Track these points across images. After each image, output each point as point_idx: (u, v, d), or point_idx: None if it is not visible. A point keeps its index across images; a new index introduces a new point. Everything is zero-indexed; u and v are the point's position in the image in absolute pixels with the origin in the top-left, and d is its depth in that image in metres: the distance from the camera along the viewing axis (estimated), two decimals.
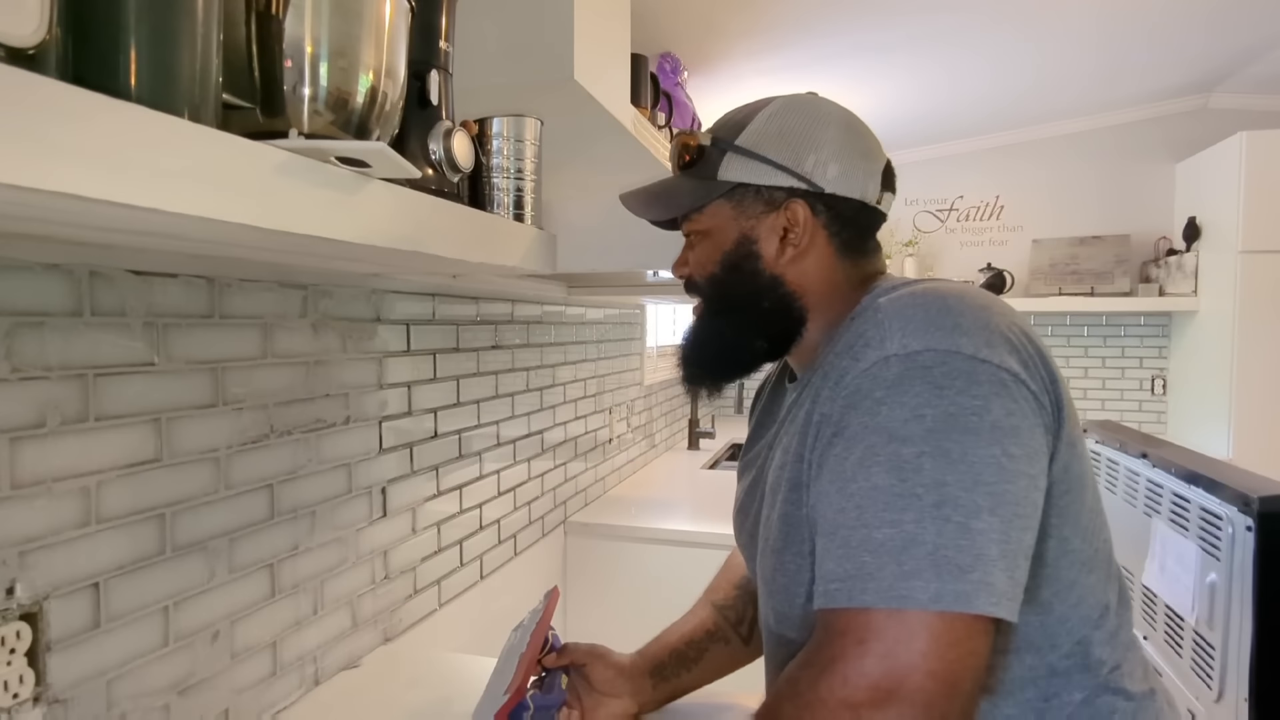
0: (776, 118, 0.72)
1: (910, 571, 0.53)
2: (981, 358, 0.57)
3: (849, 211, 0.72)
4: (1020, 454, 0.56)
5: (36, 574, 0.65)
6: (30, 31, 0.40)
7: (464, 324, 1.34)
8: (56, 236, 0.61)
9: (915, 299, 0.62)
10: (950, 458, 0.55)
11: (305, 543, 0.96)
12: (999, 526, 0.54)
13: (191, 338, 0.79)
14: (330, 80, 0.64)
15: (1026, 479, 0.56)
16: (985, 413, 0.56)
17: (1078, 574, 0.63)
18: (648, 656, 0.93)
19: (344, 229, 0.59)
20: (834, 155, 0.70)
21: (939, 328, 0.59)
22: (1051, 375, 0.61)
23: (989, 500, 0.54)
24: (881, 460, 0.57)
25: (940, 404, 0.56)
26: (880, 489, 0.56)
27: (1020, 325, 0.62)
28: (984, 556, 0.53)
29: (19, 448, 0.63)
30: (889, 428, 0.57)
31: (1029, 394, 0.58)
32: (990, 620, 0.54)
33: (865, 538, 0.56)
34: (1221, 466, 1.30)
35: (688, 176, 0.76)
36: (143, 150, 0.42)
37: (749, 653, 0.94)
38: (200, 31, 0.53)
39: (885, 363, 0.59)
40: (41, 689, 0.65)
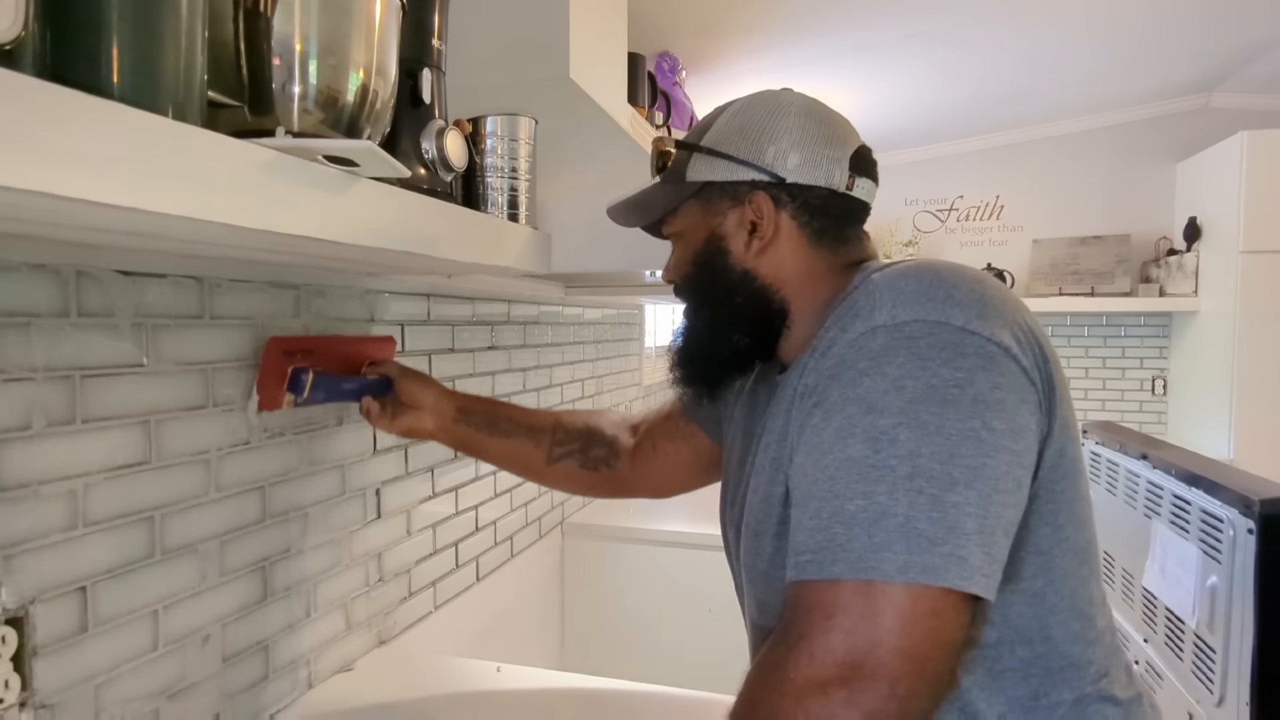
0: (738, 115, 0.73)
1: (880, 543, 0.53)
2: (971, 329, 0.56)
3: (816, 200, 0.71)
4: (1003, 428, 0.55)
5: (22, 578, 0.64)
6: (6, 26, 0.39)
7: (460, 324, 1.33)
8: (41, 236, 0.61)
9: (908, 271, 0.62)
10: (927, 429, 0.54)
11: (298, 545, 0.95)
12: (975, 500, 0.53)
13: (181, 338, 0.78)
14: (320, 78, 0.64)
15: (1009, 454, 0.55)
16: (968, 385, 0.55)
17: (1071, 565, 0.62)
18: (464, 397, 1.02)
19: (332, 228, 0.58)
20: (794, 144, 0.70)
21: (930, 299, 0.58)
22: (1045, 355, 0.60)
23: (965, 474, 0.53)
24: (858, 431, 0.56)
25: (923, 375, 0.55)
26: (854, 460, 0.55)
27: (1015, 302, 0.62)
28: (957, 530, 0.52)
29: (4, 450, 0.62)
30: (868, 399, 0.56)
31: (1019, 369, 0.57)
32: (963, 597, 0.53)
33: (837, 509, 0.55)
34: (1222, 468, 1.29)
35: (662, 182, 0.77)
36: (124, 149, 0.41)
37: (546, 471, 1.03)
38: (184, 28, 0.52)
39: (872, 333, 0.58)
40: (28, 694, 0.64)
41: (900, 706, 0.51)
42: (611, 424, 1.06)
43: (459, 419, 1.00)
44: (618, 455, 1.02)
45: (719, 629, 1.66)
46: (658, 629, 1.76)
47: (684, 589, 1.75)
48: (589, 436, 1.03)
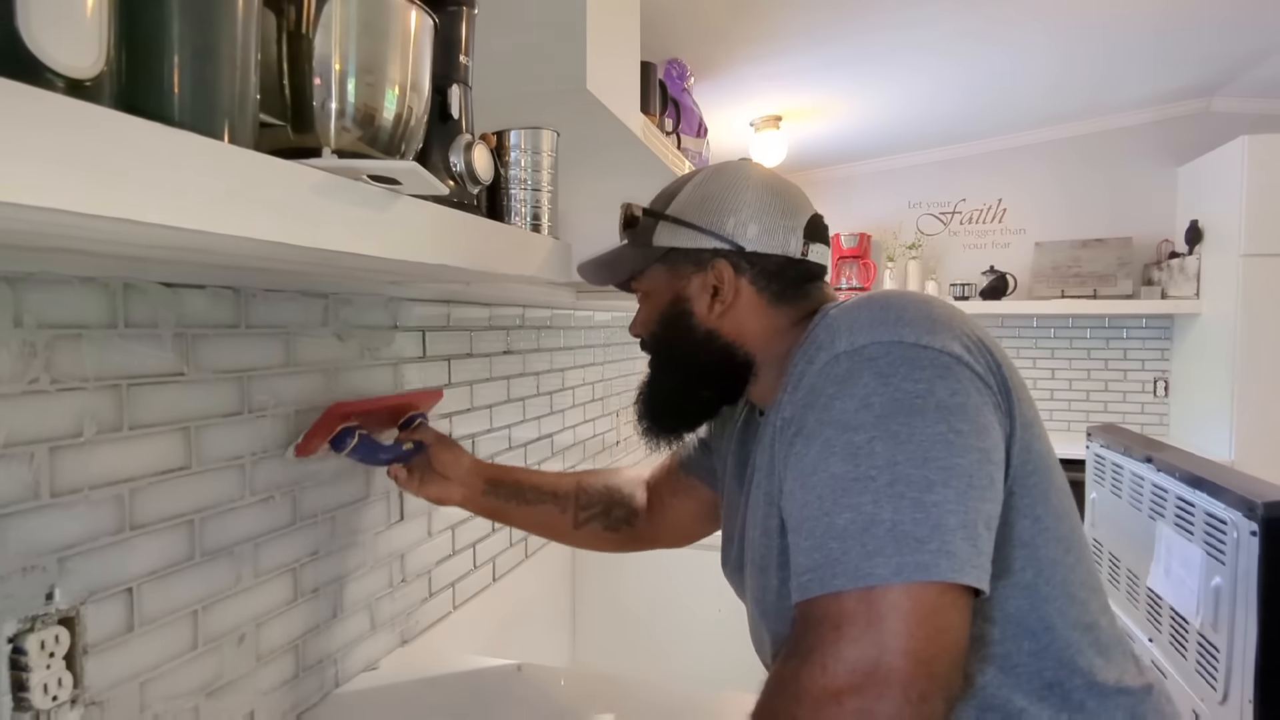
0: (700, 186, 0.79)
1: (873, 550, 0.55)
2: (923, 344, 0.61)
3: (773, 266, 0.77)
4: (968, 429, 0.59)
5: (74, 579, 0.66)
6: (90, 64, 0.41)
7: (477, 329, 1.35)
8: (93, 251, 0.63)
9: (860, 303, 0.67)
10: (899, 438, 0.58)
11: (326, 547, 0.98)
12: (953, 498, 0.56)
13: (219, 347, 0.81)
14: (358, 96, 0.66)
15: (977, 452, 0.59)
16: (929, 394, 0.59)
17: (1057, 553, 0.65)
18: (492, 469, 1.05)
19: (377, 245, 0.60)
20: (753, 216, 0.76)
21: (882, 322, 0.63)
22: (997, 360, 0.65)
23: (940, 474, 0.57)
24: (837, 450, 0.60)
25: (886, 391, 0.59)
26: (837, 476, 0.59)
27: (961, 317, 0.67)
28: (941, 526, 0.55)
29: (58, 457, 0.65)
30: (841, 419, 0.60)
31: (972, 374, 0.61)
32: (961, 593, 0.56)
33: (829, 525, 0.58)
34: (1226, 471, 1.32)
35: (631, 244, 0.84)
36: (193, 175, 0.44)
37: (573, 535, 1.06)
38: (239, 54, 0.54)
39: (835, 360, 0.63)
40: (79, 691, 0.67)
41: (915, 710, 0.53)
42: (628, 482, 1.10)
43: (487, 491, 1.03)
44: (636, 514, 1.07)
45: (728, 628, 1.69)
46: (667, 627, 1.79)
47: (692, 588, 1.77)
48: (610, 498, 1.07)
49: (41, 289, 0.64)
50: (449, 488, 1.01)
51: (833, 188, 3.73)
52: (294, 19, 0.65)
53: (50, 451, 0.64)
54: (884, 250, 3.66)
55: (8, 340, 0.61)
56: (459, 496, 1.02)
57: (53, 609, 0.65)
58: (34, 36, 0.38)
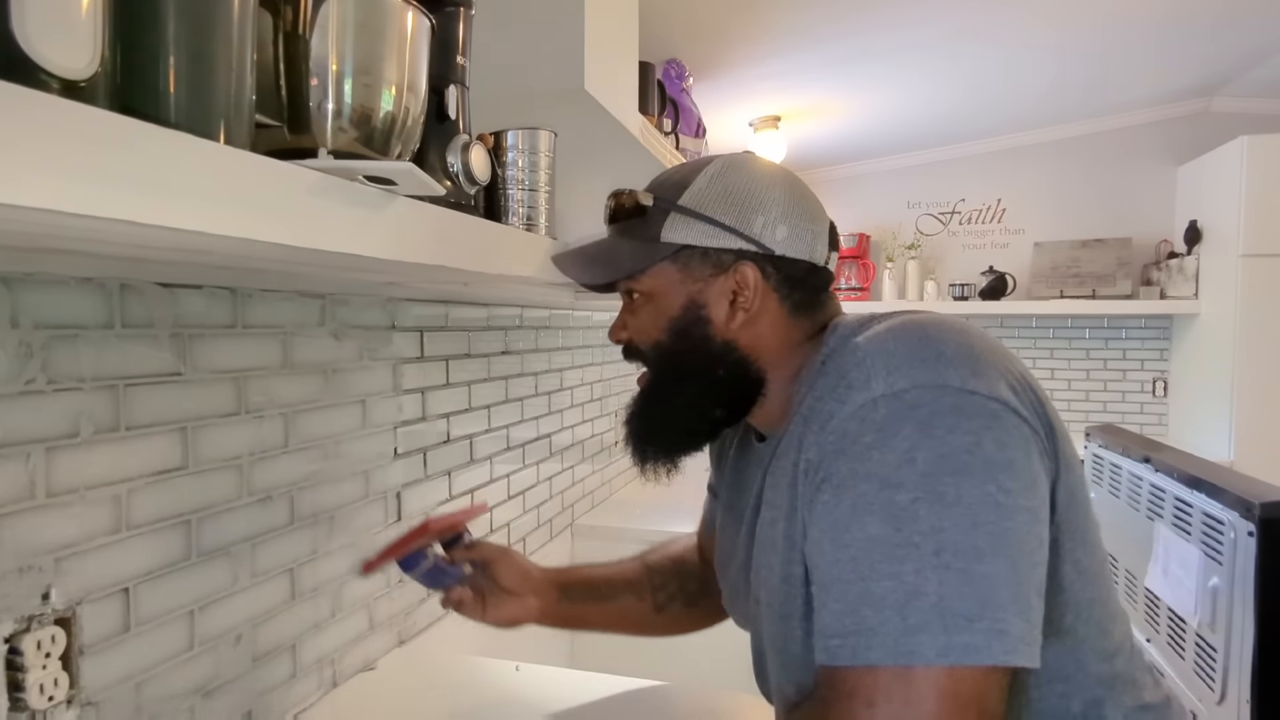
0: (720, 178, 0.70)
1: (915, 625, 0.51)
2: (970, 389, 0.56)
3: (799, 273, 0.70)
4: (1016, 487, 0.54)
5: (70, 580, 0.67)
6: (84, 65, 0.41)
7: (475, 330, 1.35)
8: (90, 252, 0.63)
9: (894, 333, 0.61)
10: (945, 501, 0.53)
11: (324, 547, 0.98)
12: (1005, 568, 0.52)
13: (215, 347, 0.81)
14: (354, 97, 0.66)
15: (1026, 513, 0.54)
16: (977, 449, 0.54)
17: (1091, 591, 0.62)
18: (560, 574, 0.94)
19: (373, 245, 0.60)
20: (782, 216, 0.69)
21: (923, 360, 0.57)
22: (1039, 397, 0.60)
23: (990, 541, 0.52)
24: (875, 509, 0.55)
25: (930, 445, 0.54)
26: (876, 539, 0.54)
27: (1002, 349, 0.61)
28: (991, 602, 0.51)
29: (54, 457, 0.65)
30: (880, 474, 0.55)
31: (1019, 420, 0.56)
32: (1006, 671, 0.52)
33: (864, 591, 0.54)
34: (1223, 472, 1.32)
35: (627, 237, 0.73)
36: (189, 176, 0.44)
37: (657, 621, 0.96)
38: (235, 55, 0.54)
39: (873, 404, 0.57)
40: (74, 692, 0.67)
41: None
42: (689, 550, 1.01)
43: (562, 599, 0.93)
44: (708, 582, 0.95)
45: (726, 631, 1.68)
46: None
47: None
48: (680, 571, 0.99)
49: (38, 289, 0.64)
50: (522, 605, 0.89)
51: (832, 188, 3.73)
52: (290, 19, 0.65)
53: (46, 451, 0.64)
54: (883, 250, 3.66)
55: (4, 341, 0.61)
56: (535, 612, 0.91)
57: (49, 609, 0.65)
58: (28, 38, 0.38)
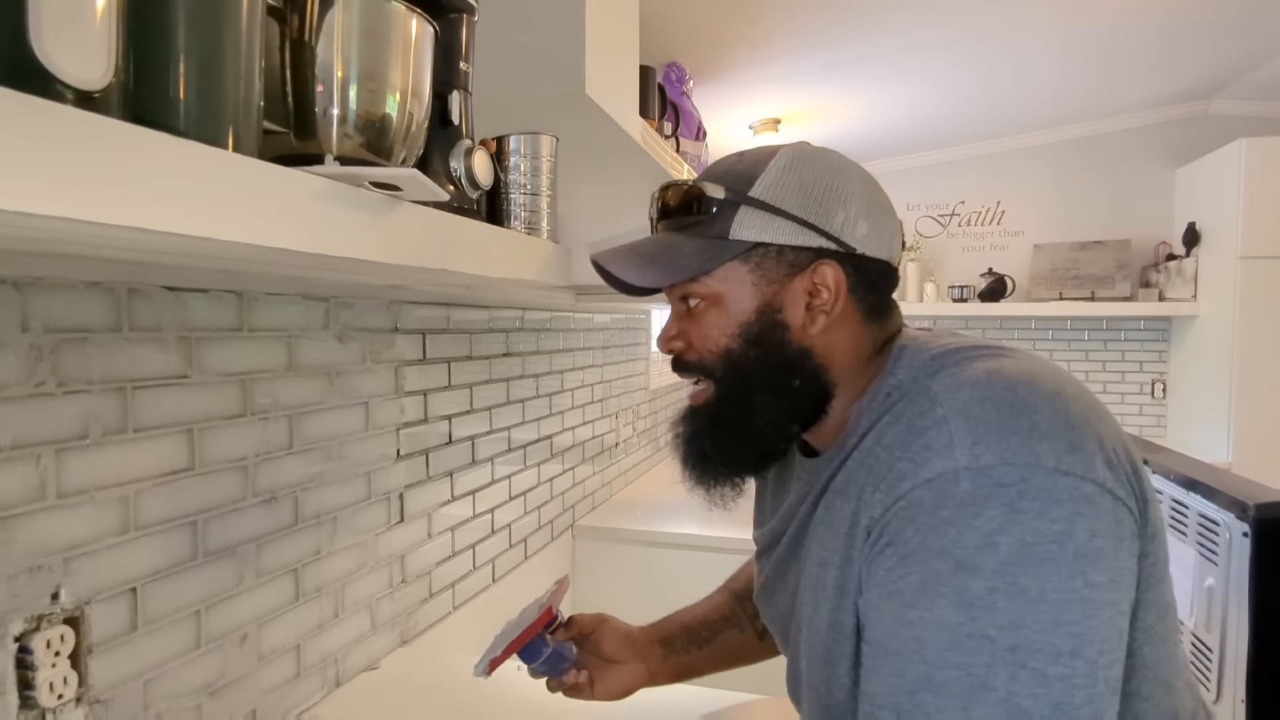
0: (794, 169, 0.64)
1: (977, 718, 0.49)
2: (1064, 469, 0.51)
3: (875, 274, 0.65)
4: (1104, 580, 0.50)
5: (79, 579, 0.67)
6: (98, 75, 0.42)
7: (477, 332, 1.36)
8: (98, 256, 0.64)
9: (981, 393, 0.55)
10: (1028, 595, 0.49)
11: (327, 548, 0.99)
12: (1083, 670, 0.49)
13: (221, 350, 0.82)
14: (360, 103, 0.67)
15: (1111, 609, 0.51)
16: (1067, 539, 0.50)
17: (1160, 653, 0.59)
18: (658, 629, 0.91)
19: (378, 250, 0.61)
20: (862, 212, 0.63)
21: (1015, 433, 0.52)
22: (1134, 464, 0.55)
23: (1070, 642, 0.49)
24: (947, 592, 0.51)
25: (1016, 530, 0.50)
26: (947, 625, 0.51)
27: (1096, 405, 0.56)
28: (1065, 705, 0.48)
29: (64, 458, 0.66)
30: (957, 555, 0.51)
31: (1114, 502, 0.52)
32: None
33: (926, 675, 0.51)
34: (1219, 474, 1.33)
35: (689, 235, 0.66)
36: (200, 184, 0.45)
37: (761, 647, 0.92)
38: (243, 63, 0.55)
39: (954, 476, 0.52)
40: (83, 690, 0.68)
41: None
42: None
43: (667, 653, 0.89)
44: None
45: None
46: None
47: (691, 590, 1.77)
48: None
49: (48, 293, 0.65)
50: (629, 672, 0.86)
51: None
52: (297, 27, 0.66)
53: (56, 453, 0.65)
54: None
55: (15, 344, 0.62)
56: (644, 676, 0.87)
57: (58, 608, 0.66)
58: (44, 49, 0.39)
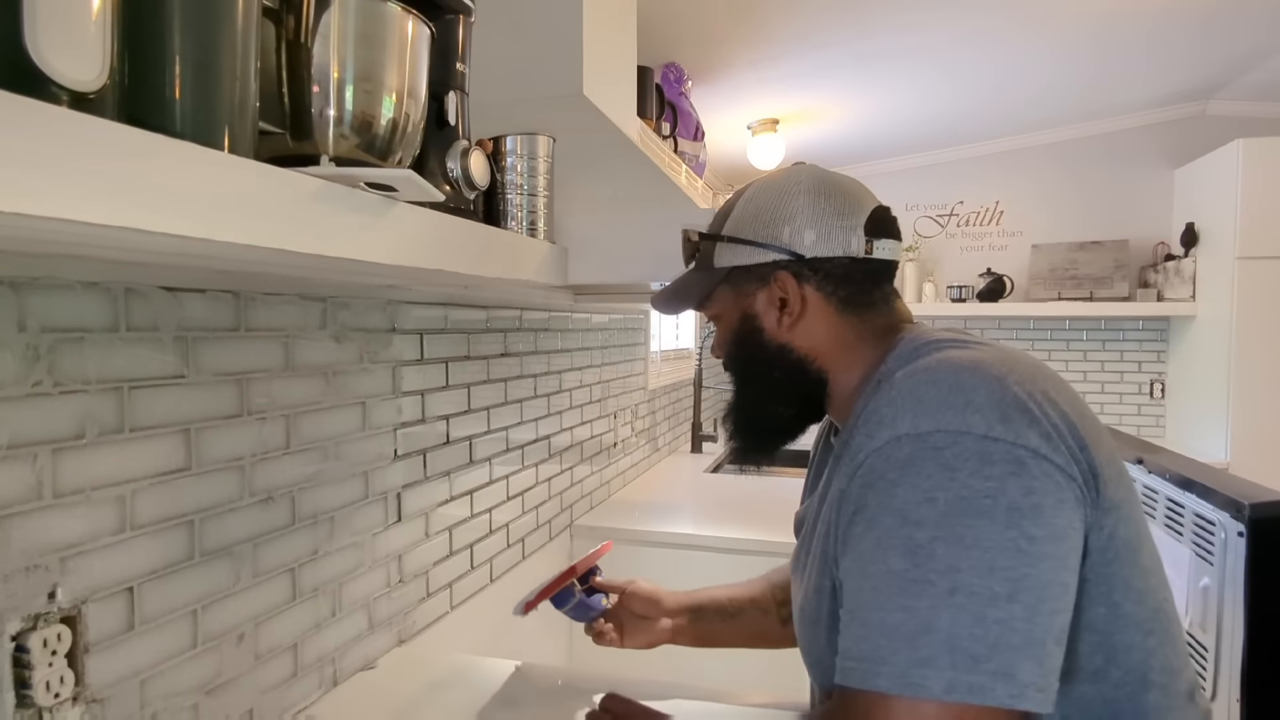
0: (751, 201, 0.78)
1: (924, 659, 0.53)
2: (994, 436, 0.56)
3: (838, 270, 0.75)
4: (1042, 535, 0.54)
5: (76, 579, 0.68)
6: (93, 77, 0.43)
7: (474, 332, 1.37)
8: (96, 257, 0.64)
9: (929, 374, 0.62)
10: (964, 543, 0.54)
11: (324, 547, 0.99)
12: (1021, 614, 0.53)
13: (219, 350, 0.82)
14: (355, 104, 0.67)
15: (1052, 560, 0.55)
16: (1001, 495, 0.55)
17: (1135, 638, 0.61)
18: (692, 596, 1.05)
19: (374, 250, 0.62)
20: (807, 221, 0.74)
21: (950, 406, 0.58)
22: (1081, 441, 0.59)
23: (1006, 587, 0.53)
24: (896, 544, 0.57)
25: (953, 486, 0.55)
26: (895, 573, 0.56)
27: (1045, 391, 0.61)
28: (1002, 646, 0.52)
29: (60, 458, 0.66)
30: (903, 511, 0.57)
31: (1051, 467, 0.56)
32: (1013, 714, 0.53)
33: (880, 620, 0.56)
34: (1215, 473, 1.33)
35: (696, 270, 0.83)
36: (196, 185, 0.45)
37: (782, 634, 1.00)
38: (239, 65, 0.56)
39: (897, 442, 0.59)
40: (80, 689, 0.68)
41: None
42: None
43: (693, 620, 1.03)
44: None
45: None
46: None
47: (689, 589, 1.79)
48: None
49: (45, 293, 0.65)
50: (655, 629, 1.02)
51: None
52: (293, 28, 0.66)
53: (53, 453, 0.65)
54: None
55: (12, 344, 0.62)
56: (668, 634, 1.02)
57: (55, 608, 0.66)
58: (40, 51, 0.39)
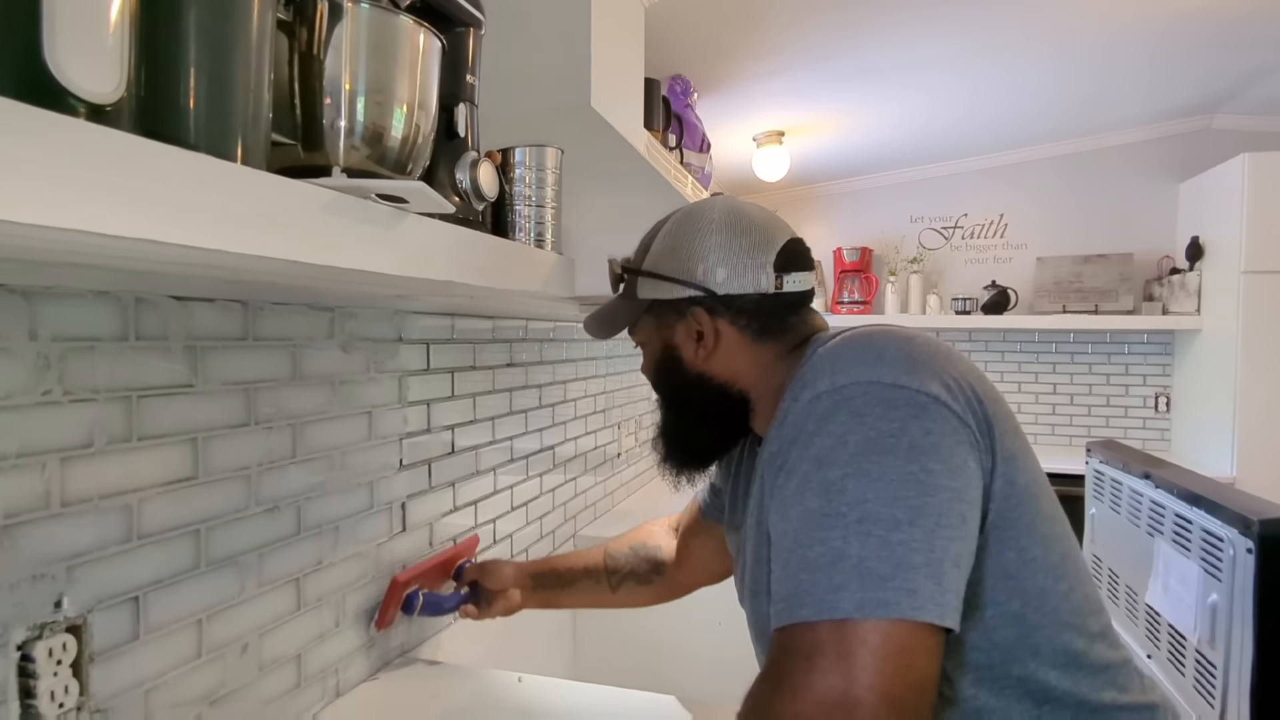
0: (668, 236, 0.82)
1: (839, 584, 0.57)
2: (900, 384, 0.63)
3: (749, 305, 0.79)
4: (940, 469, 0.60)
5: (82, 588, 0.68)
6: (110, 89, 0.43)
7: (480, 342, 1.37)
8: (107, 266, 0.64)
9: (844, 343, 0.69)
10: (870, 477, 0.59)
11: (329, 557, 0.99)
12: (920, 536, 0.58)
13: (226, 359, 0.82)
14: (367, 116, 0.68)
15: (949, 491, 0.60)
16: (902, 434, 0.61)
17: (1047, 582, 0.66)
18: (534, 565, 1.17)
19: (385, 262, 0.62)
20: (719, 260, 0.78)
21: (862, 362, 0.65)
22: (979, 396, 0.66)
23: (908, 513, 0.58)
24: (813, 485, 0.62)
25: (861, 429, 0.61)
26: (811, 511, 0.61)
27: (945, 354, 0.68)
28: (905, 565, 0.57)
29: (69, 467, 0.66)
30: (819, 455, 0.62)
31: (949, 413, 0.63)
32: (932, 631, 0.57)
33: (801, 558, 0.60)
34: (1223, 489, 1.33)
35: (622, 298, 0.87)
36: (211, 197, 0.45)
37: (611, 599, 1.15)
38: (253, 78, 0.56)
39: (817, 399, 0.65)
40: (84, 699, 0.68)
41: None
42: (652, 535, 1.18)
43: (535, 586, 1.14)
44: (663, 564, 1.15)
45: (727, 640, 1.69)
46: (667, 640, 1.79)
47: (692, 602, 1.78)
48: (636, 556, 1.16)
49: (56, 302, 0.65)
50: (508, 598, 1.13)
51: (835, 202, 3.75)
52: (305, 40, 0.67)
53: (61, 461, 0.66)
54: (886, 264, 3.67)
55: (23, 352, 0.62)
56: (518, 600, 1.13)
57: (61, 617, 0.66)
58: (59, 64, 0.40)
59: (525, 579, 1.14)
